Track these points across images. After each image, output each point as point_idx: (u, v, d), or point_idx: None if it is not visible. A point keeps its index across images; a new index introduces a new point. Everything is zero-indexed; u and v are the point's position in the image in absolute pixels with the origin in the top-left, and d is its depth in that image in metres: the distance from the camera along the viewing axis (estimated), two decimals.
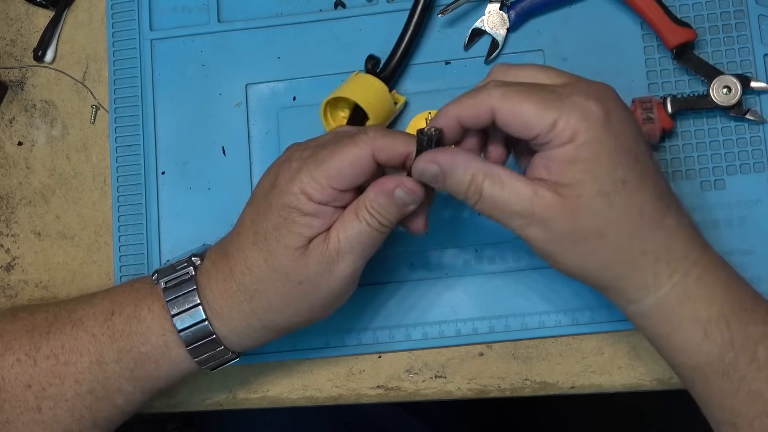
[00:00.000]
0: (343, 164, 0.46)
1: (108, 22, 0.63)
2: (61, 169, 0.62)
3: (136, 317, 0.50)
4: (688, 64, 0.58)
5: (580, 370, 0.57)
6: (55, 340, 0.51)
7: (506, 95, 0.45)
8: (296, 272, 0.47)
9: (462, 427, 0.82)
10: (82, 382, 0.50)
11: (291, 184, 0.47)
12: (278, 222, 0.47)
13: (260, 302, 0.49)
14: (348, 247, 0.47)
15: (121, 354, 0.50)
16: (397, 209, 0.47)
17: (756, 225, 0.57)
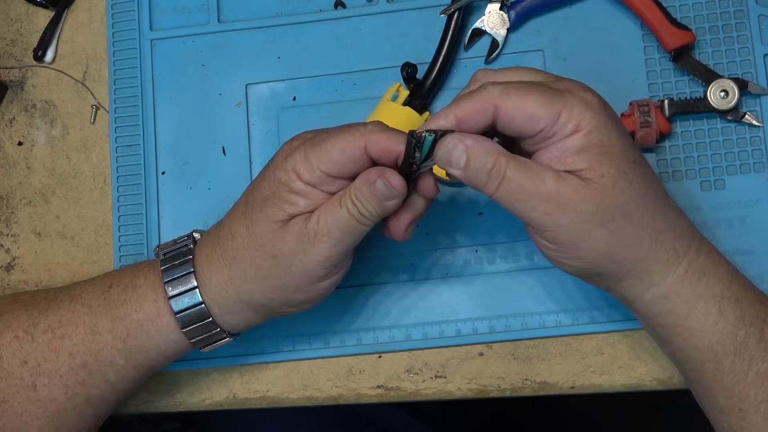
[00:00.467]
0: (334, 149, 0.46)
1: (108, 22, 0.63)
2: (61, 169, 0.62)
3: (132, 285, 0.51)
4: (687, 66, 0.58)
5: (580, 370, 0.57)
6: (54, 315, 0.52)
7: (507, 92, 0.45)
8: (271, 244, 0.48)
9: (462, 427, 0.82)
10: (75, 355, 0.51)
11: (285, 161, 0.47)
12: (266, 194, 0.48)
13: (237, 270, 0.49)
14: (326, 230, 0.47)
15: (114, 322, 0.51)
16: (377, 202, 0.46)
17: (756, 225, 0.57)
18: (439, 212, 0.59)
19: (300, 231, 0.47)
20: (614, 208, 0.45)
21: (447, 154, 0.46)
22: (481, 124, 0.46)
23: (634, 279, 0.47)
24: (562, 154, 0.45)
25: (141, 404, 0.60)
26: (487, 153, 0.45)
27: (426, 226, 0.59)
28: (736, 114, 0.57)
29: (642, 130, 0.56)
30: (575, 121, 0.44)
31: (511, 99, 0.45)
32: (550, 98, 0.44)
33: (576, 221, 0.45)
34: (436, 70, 0.59)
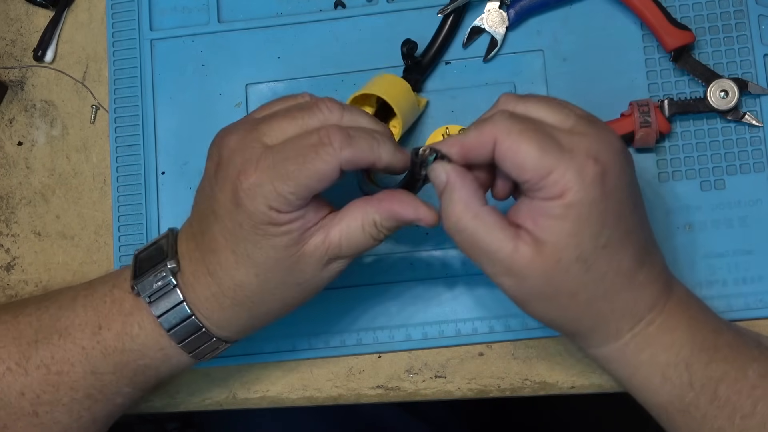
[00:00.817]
0: (311, 182, 0.44)
1: (108, 22, 0.63)
2: (61, 169, 0.62)
3: (128, 335, 0.49)
4: (686, 66, 0.58)
5: (580, 370, 0.57)
6: (44, 350, 0.50)
7: (508, 131, 0.44)
8: (294, 278, 0.47)
9: (462, 427, 0.82)
10: (78, 389, 0.50)
11: (254, 201, 0.44)
12: (256, 240, 0.45)
13: (259, 312, 0.49)
14: (349, 252, 0.47)
15: (117, 367, 0.50)
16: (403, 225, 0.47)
17: (756, 225, 0.57)
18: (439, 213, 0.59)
19: (322, 256, 0.46)
20: (561, 290, 0.45)
21: (432, 177, 0.46)
22: (483, 156, 0.45)
23: (576, 338, 0.49)
24: (537, 215, 0.44)
25: (141, 404, 0.60)
26: (457, 200, 0.45)
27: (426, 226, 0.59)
28: (736, 114, 0.57)
29: (642, 130, 0.56)
30: (561, 187, 0.43)
31: (509, 139, 0.43)
32: (545, 153, 0.43)
33: (521, 290, 0.45)
34: (428, 59, 0.59)
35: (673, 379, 0.47)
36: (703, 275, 0.56)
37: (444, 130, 0.57)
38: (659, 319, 0.47)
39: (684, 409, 0.47)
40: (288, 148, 0.44)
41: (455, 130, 0.58)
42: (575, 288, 0.45)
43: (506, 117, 0.44)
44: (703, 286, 0.56)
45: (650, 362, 0.47)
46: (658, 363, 0.47)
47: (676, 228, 0.57)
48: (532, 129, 0.44)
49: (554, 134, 0.44)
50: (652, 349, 0.47)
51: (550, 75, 0.59)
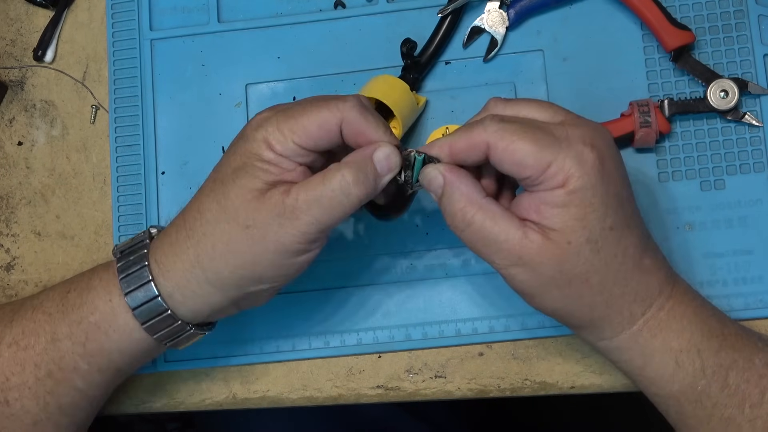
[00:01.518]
0: (311, 122, 0.46)
1: (108, 22, 0.63)
2: (61, 169, 0.62)
3: (87, 288, 0.50)
4: (686, 66, 0.58)
5: (580, 370, 0.57)
6: (17, 326, 0.51)
7: (501, 133, 0.44)
8: (246, 213, 0.46)
9: (462, 427, 0.82)
10: (40, 365, 0.50)
11: (256, 131, 0.46)
12: (237, 166, 0.47)
13: (205, 247, 0.47)
14: (305, 207, 0.45)
15: (72, 327, 0.50)
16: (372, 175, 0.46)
17: (756, 225, 0.57)
18: (440, 212, 0.59)
19: (277, 203, 0.45)
20: (573, 275, 0.45)
21: (427, 182, 0.47)
22: (473, 158, 0.46)
23: (587, 331, 0.49)
24: (542, 205, 0.44)
25: (141, 404, 0.60)
26: (459, 196, 0.45)
27: (426, 226, 0.59)
28: (736, 114, 0.57)
29: (642, 130, 0.56)
30: (563, 176, 0.44)
31: (504, 141, 0.44)
32: (542, 147, 0.44)
33: (533, 280, 0.45)
34: (426, 58, 0.59)
35: (686, 366, 0.47)
36: (703, 275, 0.56)
37: (444, 130, 0.57)
38: (668, 305, 0.47)
39: (696, 398, 0.47)
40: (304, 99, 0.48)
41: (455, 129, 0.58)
42: (587, 272, 0.45)
43: (497, 120, 0.45)
44: (703, 286, 0.56)
45: (664, 348, 0.47)
46: (671, 349, 0.47)
47: (676, 228, 0.57)
48: (525, 127, 0.45)
49: (547, 128, 0.45)
50: (664, 335, 0.47)
51: (550, 75, 0.59)
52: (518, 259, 0.45)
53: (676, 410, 0.48)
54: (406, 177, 0.47)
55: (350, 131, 0.46)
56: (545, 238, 0.44)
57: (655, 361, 0.47)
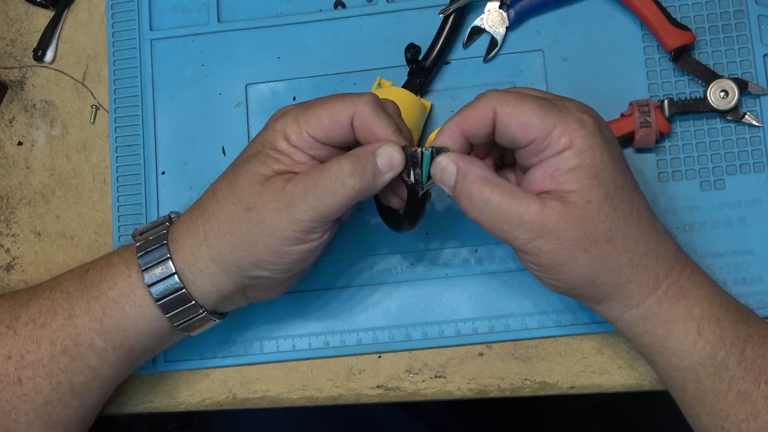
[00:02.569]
0: (324, 114, 0.47)
1: (108, 22, 0.63)
2: (61, 169, 0.62)
3: (106, 265, 0.52)
4: (686, 66, 0.58)
5: (580, 370, 0.57)
6: (35, 306, 0.52)
7: (505, 98, 0.46)
8: (249, 196, 0.47)
9: (462, 427, 0.82)
10: (56, 342, 0.51)
11: (276, 122, 0.49)
12: (252, 153, 0.49)
13: (212, 225, 0.49)
14: (302, 193, 0.46)
15: (90, 303, 0.51)
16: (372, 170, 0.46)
17: (756, 225, 0.57)
18: (439, 212, 0.59)
19: (278, 189, 0.47)
20: (597, 234, 0.45)
21: (439, 172, 0.47)
22: (483, 131, 0.47)
23: (614, 301, 0.48)
24: (555, 172, 0.45)
25: (141, 404, 0.60)
26: (474, 177, 0.46)
27: (426, 226, 0.59)
28: (735, 114, 0.57)
29: (642, 130, 0.56)
30: (568, 138, 0.45)
31: (509, 105, 0.45)
32: (546, 110, 0.45)
33: (559, 248, 0.45)
34: (431, 58, 0.59)
35: (707, 335, 0.47)
36: None
37: None
38: (686, 272, 0.48)
39: (715, 370, 0.47)
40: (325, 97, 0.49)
41: None
42: (610, 229, 0.45)
43: (498, 91, 0.46)
44: None
45: (687, 315, 0.47)
46: (693, 317, 0.47)
47: (676, 228, 0.57)
48: (526, 94, 0.46)
49: (546, 98, 0.47)
50: (687, 301, 0.48)
51: (550, 75, 0.59)
52: (541, 229, 0.45)
53: (694, 385, 0.48)
54: (416, 176, 0.47)
55: (360, 126, 0.47)
56: (564, 202, 0.45)
57: (678, 329, 0.47)
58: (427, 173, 0.47)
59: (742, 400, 0.47)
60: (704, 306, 0.48)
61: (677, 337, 0.48)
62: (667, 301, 0.47)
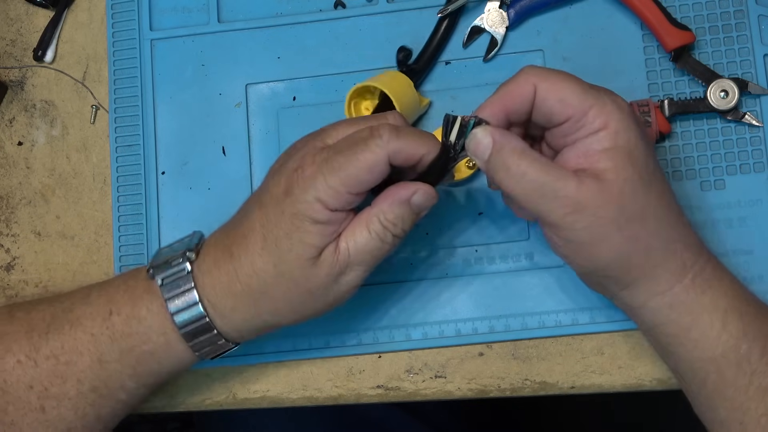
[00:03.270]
0: (361, 172, 0.45)
1: (108, 22, 0.63)
2: (61, 169, 0.62)
3: (135, 317, 0.50)
4: (686, 66, 0.58)
5: (580, 370, 0.57)
6: (55, 340, 0.51)
7: (546, 74, 0.46)
8: (306, 282, 0.47)
9: (462, 427, 0.82)
10: (84, 381, 0.50)
11: (306, 192, 0.46)
12: (290, 230, 0.46)
13: (266, 305, 0.49)
14: (358, 260, 0.47)
15: (122, 354, 0.50)
16: (413, 216, 0.47)
17: (756, 225, 0.57)
18: (439, 212, 0.59)
19: (331, 265, 0.47)
20: (632, 212, 0.45)
21: (474, 144, 0.46)
22: (524, 107, 0.47)
23: (641, 286, 0.48)
24: (589, 151, 0.45)
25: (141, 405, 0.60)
26: (511, 149, 0.46)
27: (426, 226, 0.59)
28: (736, 114, 0.57)
29: None
30: (604, 119, 0.45)
31: (549, 81, 0.46)
32: (585, 90, 0.46)
33: (594, 225, 0.45)
34: (425, 59, 0.59)
35: (731, 327, 0.47)
36: None
37: None
38: (711, 264, 0.48)
39: (737, 363, 0.47)
40: (342, 143, 0.47)
41: None
42: (643, 210, 0.46)
43: (539, 67, 0.47)
44: None
45: (713, 306, 0.47)
46: (718, 308, 0.47)
47: None
48: (567, 74, 0.47)
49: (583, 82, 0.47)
50: (713, 292, 0.48)
51: None
52: (577, 205, 0.45)
53: (715, 377, 0.48)
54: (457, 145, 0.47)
55: (399, 161, 0.46)
56: (601, 180, 0.45)
57: (704, 319, 0.47)
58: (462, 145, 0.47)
59: (762, 394, 0.47)
60: (729, 299, 0.48)
61: (701, 328, 0.48)
62: (693, 291, 0.47)
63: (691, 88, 0.58)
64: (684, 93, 0.58)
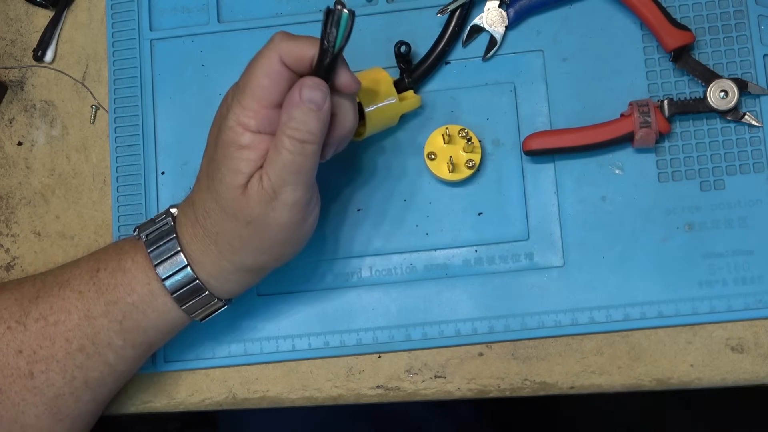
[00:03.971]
0: (259, 78, 0.46)
1: (108, 22, 0.63)
2: (61, 169, 0.62)
3: (120, 269, 0.51)
4: (686, 66, 0.58)
5: (579, 370, 0.57)
6: (44, 303, 0.51)
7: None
8: (241, 213, 0.48)
9: (483, 421, 0.82)
10: (71, 340, 0.51)
11: (227, 119, 0.47)
12: (220, 160, 0.48)
13: (223, 244, 0.49)
14: (280, 181, 0.46)
15: (108, 306, 0.51)
16: (312, 115, 0.46)
17: (756, 225, 0.57)
18: (439, 212, 0.59)
19: (258, 193, 0.47)
20: None
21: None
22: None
23: None
24: None
25: (141, 404, 0.60)
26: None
27: (426, 226, 0.59)
28: (735, 114, 0.57)
29: (642, 131, 0.56)
30: None
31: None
32: None
33: None
34: (430, 61, 0.59)
35: None
36: (703, 275, 0.56)
37: (444, 130, 0.57)
38: None
39: None
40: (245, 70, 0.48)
41: (455, 130, 0.58)
42: None
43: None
44: (703, 286, 0.56)
45: None
46: None
47: (676, 228, 0.57)
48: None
49: None
50: None
51: (549, 75, 0.59)
52: None
53: None
54: (329, 35, 0.45)
55: (291, 60, 0.47)
56: None
57: None
58: (341, 35, 0.45)
59: None
60: None
61: None
62: None
63: (690, 89, 0.58)
64: (684, 93, 0.58)
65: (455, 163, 0.57)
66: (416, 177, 0.59)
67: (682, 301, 0.56)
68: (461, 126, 0.58)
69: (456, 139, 0.58)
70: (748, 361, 0.56)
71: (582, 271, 0.57)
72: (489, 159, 0.59)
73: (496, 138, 0.59)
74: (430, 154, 0.58)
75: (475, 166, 0.57)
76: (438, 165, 0.58)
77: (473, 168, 0.57)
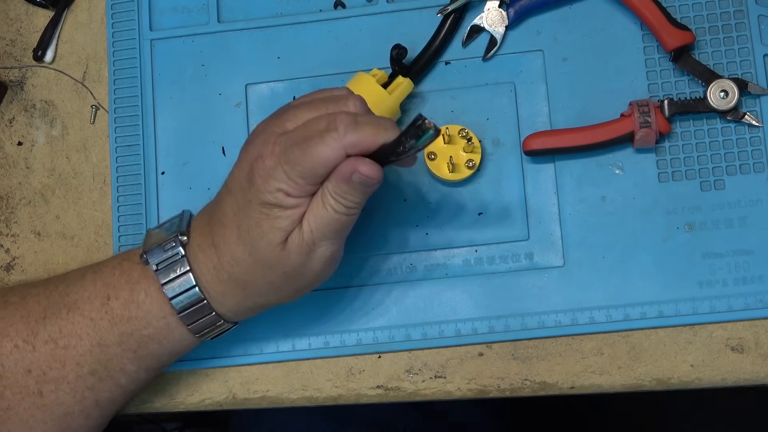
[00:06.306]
0: (316, 166, 0.46)
1: (108, 22, 0.63)
2: (61, 169, 0.62)
3: (134, 302, 0.51)
4: (686, 66, 0.58)
5: (579, 370, 0.57)
6: (52, 324, 0.51)
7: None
8: (280, 265, 0.48)
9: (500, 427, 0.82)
10: (83, 364, 0.51)
11: (267, 183, 0.47)
12: (259, 218, 0.48)
13: (252, 289, 0.50)
14: (320, 235, 0.48)
15: (122, 337, 0.51)
16: (360, 192, 0.47)
17: (756, 225, 0.57)
18: (439, 212, 0.59)
19: (299, 245, 0.48)
20: None
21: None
22: None
23: None
24: None
25: (141, 404, 0.60)
26: None
27: (426, 226, 0.59)
28: (735, 114, 0.57)
29: (642, 131, 0.56)
30: None
31: None
32: None
33: None
34: (423, 62, 0.59)
35: None
36: (703, 275, 0.56)
37: (444, 130, 0.57)
38: None
39: None
40: (299, 132, 0.47)
41: (455, 130, 0.58)
42: None
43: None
44: (703, 286, 0.56)
45: None
46: None
47: (676, 228, 0.57)
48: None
49: None
50: None
51: (549, 75, 0.59)
52: None
53: None
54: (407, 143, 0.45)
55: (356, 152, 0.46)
56: None
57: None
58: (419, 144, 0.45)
59: None
60: None
61: None
62: None
63: (690, 88, 0.58)
64: (684, 93, 0.58)
65: (455, 163, 0.57)
66: (416, 177, 0.59)
67: (683, 301, 0.56)
68: (461, 126, 0.58)
69: (456, 139, 0.58)
70: (749, 361, 0.56)
71: (582, 271, 0.57)
72: (489, 159, 0.59)
73: (496, 138, 0.59)
74: (430, 154, 0.58)
75: (475, 166, 0.57)
76: (438, 165, 0.58)
77: (473, 168, 0.57)
